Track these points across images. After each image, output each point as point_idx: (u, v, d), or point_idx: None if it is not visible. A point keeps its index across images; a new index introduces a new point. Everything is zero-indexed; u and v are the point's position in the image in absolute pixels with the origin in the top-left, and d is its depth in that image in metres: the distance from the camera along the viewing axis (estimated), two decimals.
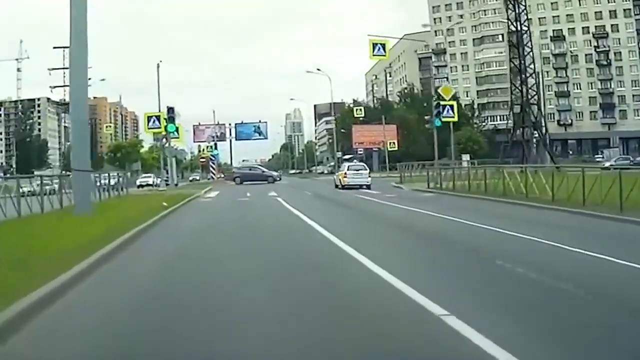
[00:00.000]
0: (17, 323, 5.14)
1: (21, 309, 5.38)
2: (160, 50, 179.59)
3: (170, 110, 34.70)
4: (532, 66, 42.95)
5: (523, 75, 41.39)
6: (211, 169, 58.23)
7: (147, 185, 45.29)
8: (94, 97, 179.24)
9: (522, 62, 41.01)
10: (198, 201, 25.76)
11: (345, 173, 32.74)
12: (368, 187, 31.17)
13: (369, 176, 32.96)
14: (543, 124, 43.80)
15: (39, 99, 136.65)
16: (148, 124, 33.84)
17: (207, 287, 7.04)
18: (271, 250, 10.12)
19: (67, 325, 5.37)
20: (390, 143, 58.27)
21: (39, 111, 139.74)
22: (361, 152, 70.29)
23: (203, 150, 66.62)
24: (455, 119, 29.84)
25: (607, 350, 4.41)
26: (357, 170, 33.26)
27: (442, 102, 28.15)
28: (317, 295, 6.40)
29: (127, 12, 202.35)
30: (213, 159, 58.12)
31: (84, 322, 5.45)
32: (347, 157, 68.40)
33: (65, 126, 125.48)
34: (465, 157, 55.92)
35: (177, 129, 38.22)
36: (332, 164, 77.58)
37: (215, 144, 60.65)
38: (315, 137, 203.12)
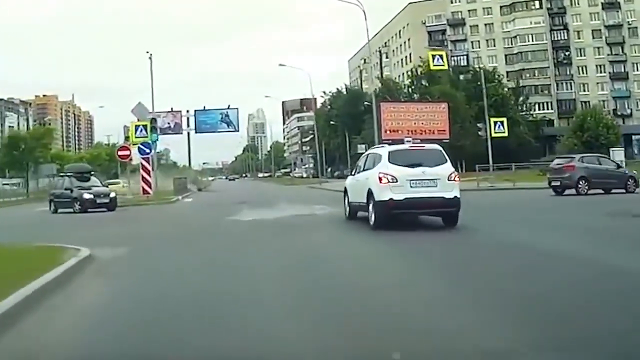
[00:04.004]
0: None
1: None
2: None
3: None
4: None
5: None
6: (142, 172, 27.90)
7: None
8: (43, 95, 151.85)
9: None
10: None
11: None
12: None
13: None
14: None
15: None
16: None
17: None
18: None
19: None
20: (497, 124, 33.24)
21: None
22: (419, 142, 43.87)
23: (128, 136, 31.41)
24: None
25: None
26: None
27: None
28: None
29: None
30: (145, 150, 27.51)
31: None
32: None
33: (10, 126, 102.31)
34: (619, 153, 32.90)
35: None
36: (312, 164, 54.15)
37: (153, 126, 29.16)
38: (284, 137, 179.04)
